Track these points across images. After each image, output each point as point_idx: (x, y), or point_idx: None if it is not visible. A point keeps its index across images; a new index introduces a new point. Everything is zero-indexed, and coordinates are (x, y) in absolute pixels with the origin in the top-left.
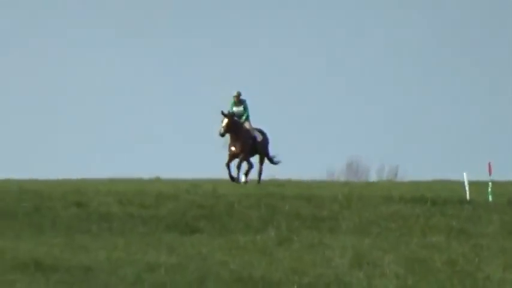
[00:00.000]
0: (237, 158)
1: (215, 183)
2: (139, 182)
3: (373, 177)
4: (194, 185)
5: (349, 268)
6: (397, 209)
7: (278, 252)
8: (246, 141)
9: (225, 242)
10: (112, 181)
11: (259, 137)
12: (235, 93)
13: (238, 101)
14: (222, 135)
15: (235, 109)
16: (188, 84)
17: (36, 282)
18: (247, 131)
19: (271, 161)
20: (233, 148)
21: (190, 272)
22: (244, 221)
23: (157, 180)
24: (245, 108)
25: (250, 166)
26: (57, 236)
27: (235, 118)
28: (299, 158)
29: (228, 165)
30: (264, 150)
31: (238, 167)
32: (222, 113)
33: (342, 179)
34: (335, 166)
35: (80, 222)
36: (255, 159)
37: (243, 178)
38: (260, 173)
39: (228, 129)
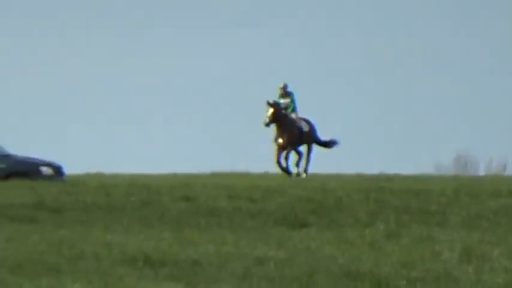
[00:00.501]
0: (285, 150)
1: (323, 177)
2: (248, 176)
3: (481, 171)
4: (303, 180)
5: (458, 262)
6: (506, 203)
7: (386, 247)
8: (293, 132)
9: (333, 236)
10: (220, 175)
11: (306, 127)
12: (281, 85)
13: (285, 93)
14: (267, 125)
15: (281, 101)
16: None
17: (144, 276)
18: (293, 121)
19: (326, 145)
20: (280, 140)
21: (298, 266)
22: (353, 215)
23: (266, 174)
24: (292, 101)
25: (300, 156)
26: (166, 230)
27: (281, 108)
28: (407, 153)
29: (278, 161)
30: (311, 140)
31: (286, 157)
32: (268, 103)
33: (450, 173)
34: (443, 160)
35: (188, 217)
36: (302, 150)
37: (294, 169)
38: (307, 163)
39: (274, 119)
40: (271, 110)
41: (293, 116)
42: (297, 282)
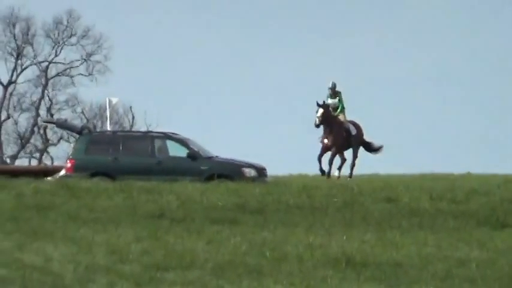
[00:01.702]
0: (329, 151)
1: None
2: (450, 177)
3: None
4: (507, 181)
5: None
6: None
7: None
8: (340, 134)
9: None
10: (422, 177)
11: (354, 130)
12: (330, 85)
13: (334, 93)
14: (317, 126)
15: (330, 101)
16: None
17: (347, 278)
18: (341, 123)
19: (373, 150)
20: (326, 141)
21: (500, 267)
22: None
23: (468, 175)
24: (340, 100)
25: (344, 160)
26: (368, 231)
27: (330, 109)
28: None
29: (319, 159)
30: (358, 144)
31: (331, 161)
32: (317, 104)
33: None
34: None
35: (390, 218)
36: (348, 153)
37: (336, 173)
38: (352, 167)
39: (323, 120)
40: (320, 111)
41: (341, 117)
42: (499, 284)
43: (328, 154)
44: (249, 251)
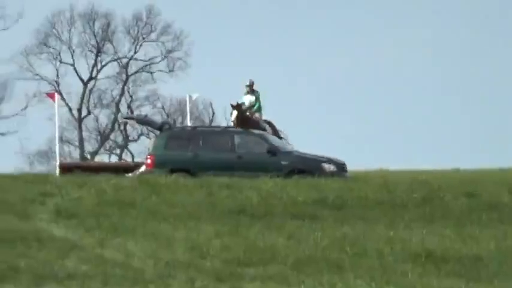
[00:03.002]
0: None
1: None
2: None
3: None
4: None
5: None
6: None
7: None
8: None
9: None
10: (502, 171)
11: (269, 130)
12: (247, 83)
13: (251, 90)
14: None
15: (246, 98)
16: None
17: (427, 272)
18: (257, 123)
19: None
20: None
21: None
22: None
23: None
24: (257, 99)
25: None
26: (448, 226)
27: (244, 109)
28: None
29: None
30: None
31: None
32: (231, 105)
33: None
34: None
35: (469, 213)
36: None
37: None
38: None
39: (238, 121)
40: (234, 113)
41: (257, 116)
42: None
43: None
44: (329, 246)
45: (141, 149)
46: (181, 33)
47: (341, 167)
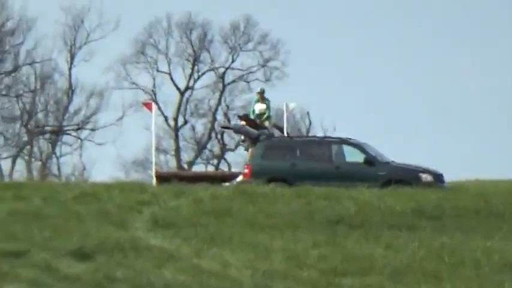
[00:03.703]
0: None
1: None
2: None
3: None
4: None
5: None
6: None
7: None
8: None
9: None
10: None
11: (277, 133)
12: (258, 90)
13: (261, 98)
14: (243, 141)
15: (257, 106)
16: None
17: None
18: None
19: None
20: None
21: None
22: None
23: None
24: (268, 107)
25: None
26: None
27: (253, 119)
28: None
29: None
30: None
31: None
32: (238, 117)
33: None
34: None
35: None
36: None
37: None
38: None
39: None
40: (243, 124)
41: (266, 123)
42: None
43: None
44: (426, 256)
45: (238, 158)
46: (278, 43)
47: (438, 177)
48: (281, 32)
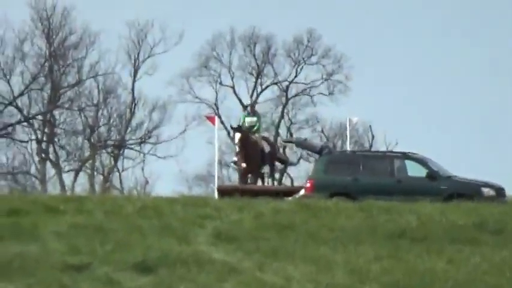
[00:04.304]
0: (249, 174)
1: None
2: None
3: None
4: None
5: None
6: None
7: None
8: (257, 156)
9: None
10: None
11: (267, 147)
12: (249, 102)
13: (252, 111)
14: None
15: (247, 119)
16: None
17: None
18: (256, 143)
19: (287, 164)
20: (244, 165)
21: None
22: None
23: None
24: (258, 120)
25: (263, 176)
26: None
27: (246, 131)
28: None
29: (245, 182)
30: (273, 160)
31: (255, 182)
32: (232, 128)
33: None
34: None
35: None
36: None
37: None
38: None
39: (242, 144)
40: (238, 136)
41: (256, 136)
42: None
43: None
44: (488, 270)
45: (301, 173)
46: (342, 57)
47: (500, 192)
48: (344, 46)
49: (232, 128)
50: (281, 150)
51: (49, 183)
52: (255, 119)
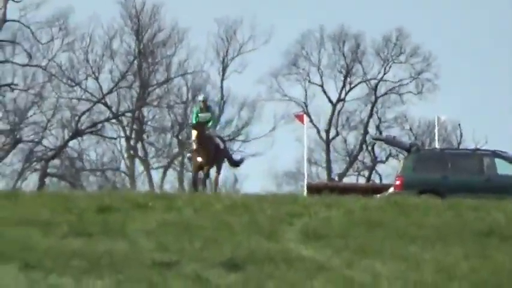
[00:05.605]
0: (203, 168)
1: None
2: None
3: None
4: None
5: None
6: None
7: None
8: (211, 151)
9: None
10: None
11: (221, 144)
12: (201, 98)
13: (205, 106)
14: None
15: (201, 115)
16: None
17: None
18: (211, 138)
19: (234, 164)
20: (199, 159)
21: None
22: None
23: None
24: (212, 114)
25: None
26: None
27: (203, 128)
28: None
29: (196, 179)
30: (223, 158)
31: (205, 180)
32: (191, 125)
33: None
34: None
35: None
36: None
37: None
38: (217, 181)
39: (199, 140)
40: (194, 133)
41: (210, 131)
42: None
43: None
44: None
45: (390, 170)
46: (430, 55)
47: None
48: (433, 45)
49: (191, 126)
50: (369, 147)
51: (138, 180)
52: (208, 114)
